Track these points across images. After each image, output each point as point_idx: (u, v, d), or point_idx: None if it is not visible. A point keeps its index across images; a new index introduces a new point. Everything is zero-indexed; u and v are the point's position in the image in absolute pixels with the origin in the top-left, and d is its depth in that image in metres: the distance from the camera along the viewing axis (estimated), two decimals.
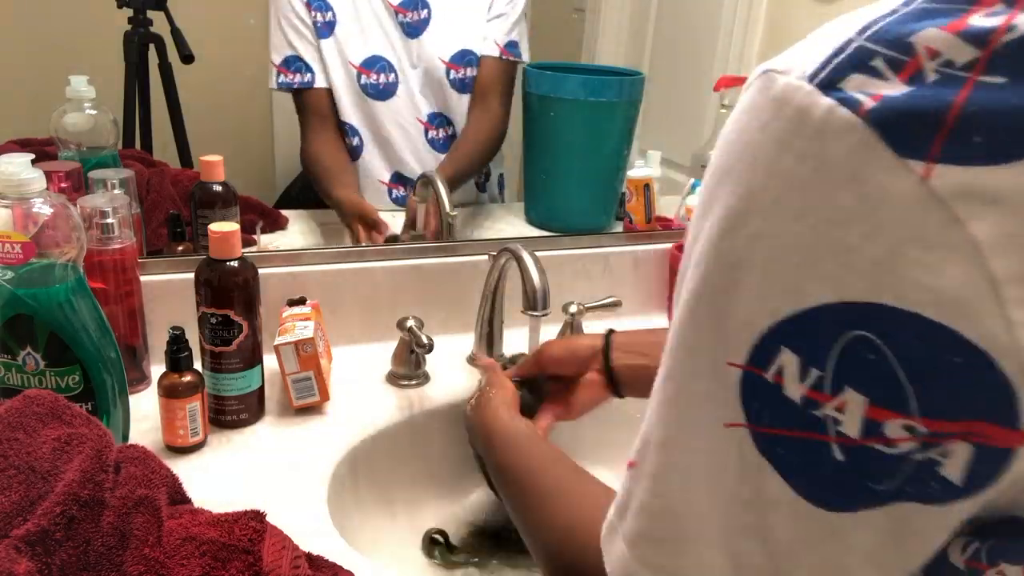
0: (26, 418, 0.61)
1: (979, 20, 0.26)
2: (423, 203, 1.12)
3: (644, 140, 1.25)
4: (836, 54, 0.28)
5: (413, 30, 1.12)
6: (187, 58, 0.99)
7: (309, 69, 1.10)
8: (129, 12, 0.97)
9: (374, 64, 1.11)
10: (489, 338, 1.01)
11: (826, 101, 0.27)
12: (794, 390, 0.29)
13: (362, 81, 1.11)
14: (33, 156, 0.67)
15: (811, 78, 0.28)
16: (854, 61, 0.27)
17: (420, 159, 1.16)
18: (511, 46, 1.18)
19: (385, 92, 1.13)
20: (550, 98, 1.16)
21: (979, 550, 0.30)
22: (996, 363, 0.26)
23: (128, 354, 0.84)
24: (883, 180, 0.26)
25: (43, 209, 0.68)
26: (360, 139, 1.14)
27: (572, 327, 1.04)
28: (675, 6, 1.34)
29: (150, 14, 0.98)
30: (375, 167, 1.16)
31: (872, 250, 0.26)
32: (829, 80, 0.27)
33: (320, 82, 1.11)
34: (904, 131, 0.26)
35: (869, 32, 0.28)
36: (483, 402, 0.77)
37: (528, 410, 0.80)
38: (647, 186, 1.17)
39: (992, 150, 0.25)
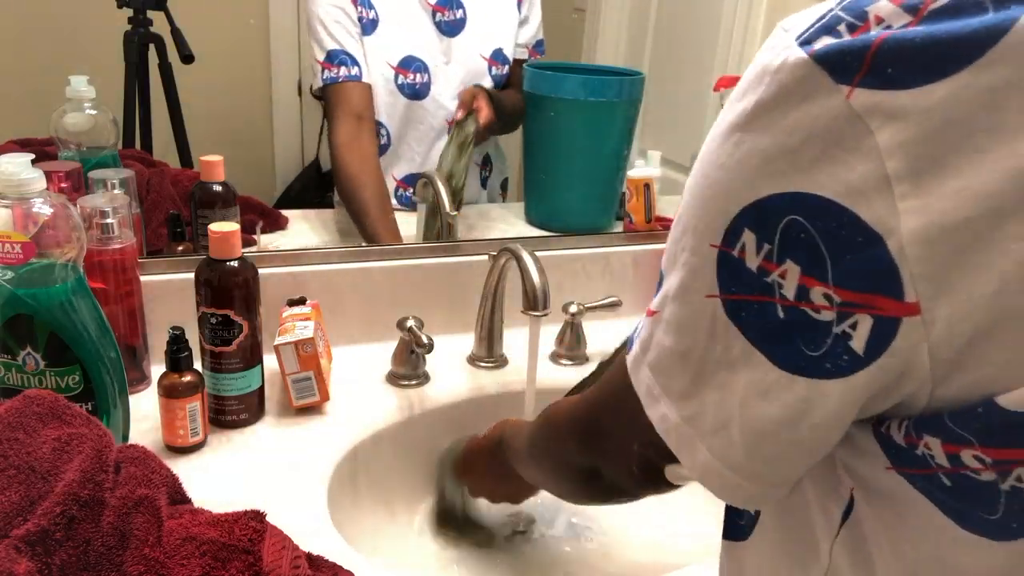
0: (26, 418, 0.61)
1: None
2: (423, 203, 1.13)
3: (644, 140, 1.25)
4: (818, 20, 0.36)
5: (451, 29, 1.13)
6: (187, 58, 0.99)
7: (355, 62, 1.09)
8: (129, 12, 0.97)
9: (410, 64, 1.12)
10: (489, 338, 1.01)
11: (797, 50, 0.35)
12: (752, 262, 0.37)
13: (399, 81, 1.12)
14: (33, 156, 0.67)
15: (798, 37, 0.36)
16: (826, 25, 0.35)
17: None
18: (538, 46, 1.21)
19: (420, 92, 1.14)
20: (550, 98, 1.16)
21: (908, 427, 0.36)
22: (885, 242, 0.33)
23: (128, 354, 0.84)
24: (822, 100, 0.34)
25: (43, 209, 0.68)
26: (389, 137, 1.15)
27: (572, 327, 1.04)
28: (675, 6, 1.34)
29: (150, 14, 0.98)
30: (395, 165, 1.17)
31: (808, 152, 0.34)
32: (807, 39, 0.35)
33: (366, 76, 1.10)
34: (838, 63, 0.34)
35: (844, 3, 0.35)
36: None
37: None
38: (647, 186, 1.17)
39: (899, 78, 0.32)
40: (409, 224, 1.15)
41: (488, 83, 1.17)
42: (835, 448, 0.41)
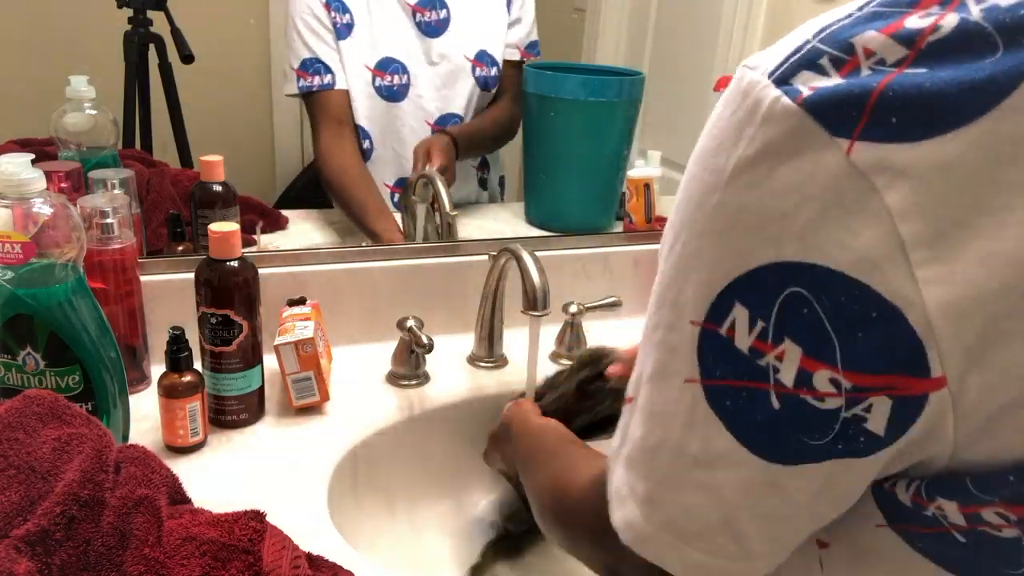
0: (26, 418, 0.61)
1: (913, 22, 0.30)
2: (422, 203, 1.12)
3: (644, 140, 1.25)
4: (793, 54, 0.32)
5: (432, 30, 1.13)
6: (187, 58, 0.99)
7: (328, 70, 1.10)
8: (129, 12, 0.97)
9: (388, 66, 1.12)
10: (489, 338, 1.01)
11: (775, 93, 0.31)
12: (743, 341, 0.32)
13: (376, 83, 1.12)
14: (33, 156, 0.67)
15: (770, 75, 0.32)
16: (805, 60, 0.31)
17: None
18: (531, 47, 1.21)
19: (398, 94, 1.13)
20: (550, 98, 1.15)
21: (919, 487, 0.33)
22: (905, 316, 0.29)
23: (128, 354, 0.84)
24: (816, 156, 0.30)
25: (43, 209, 0.68)
26: (371, 142, 1.15)
27: (572, 327, 1.04)
28: (675, 6, 1.34)
29: (150, 14, 0.98)
30: (382, 170, 1.16)
31: (804, 215, 0.30)
32: (783, 76, 0.31)
33: (340, 83, 1.11)
34: (833, 114, 0.29)
35: (823, 35, 0.32)
36: (511, 417, 0.76)
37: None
38: (647, 186, 1.17)
39: (905, 129, 0.28)
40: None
41: (470, 85, 1.16)
42: None
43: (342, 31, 1.10)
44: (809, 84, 0.30)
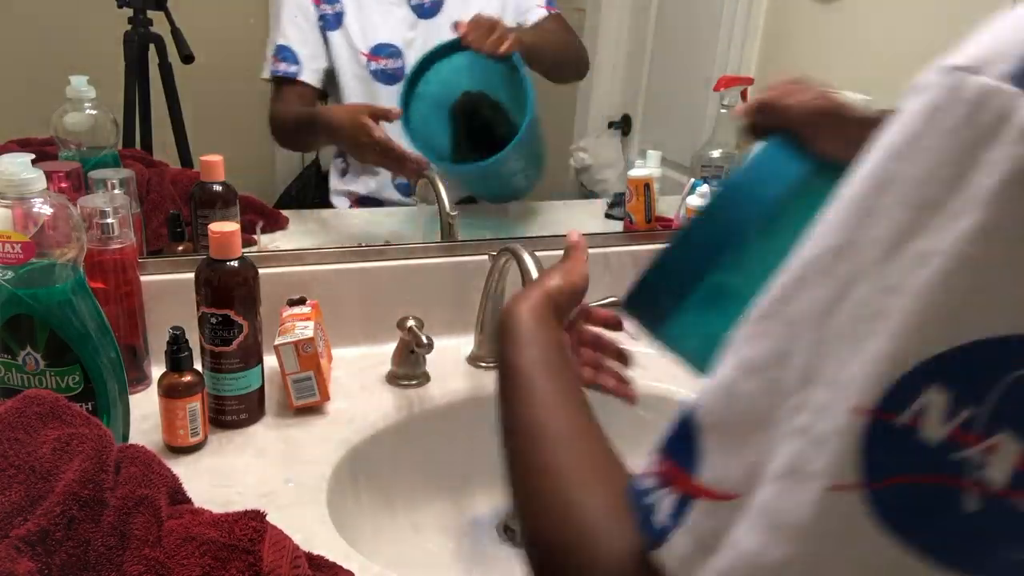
0: (26, 418, 0.61)
1: None
2: (423, 203, 1.12)
3: (644, 140, 1.25)
4: None
5: (427, 11, 1.13)
6: (187, 58, 0.99)
7: (295, 61, 1.11)
8: (129, 12, 0.97)
9: (382, 51, 1.12)
10: (490, 338, 1.00)
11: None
12: (935, 431, 0.25)
13: (372, 67, 1.12)
14: (33, 156, 0.67)
15: (1014, 77, 0.23)
16: None
17: None
18: (550, 1, 1.21)
19: (393, 77, 1.14)
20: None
21: None
22: None
23: (128, 354, 0.84)
24: None
25: (43, 209, 0.68)
26: None
27: (571, 327, 1.04)
28: (675, 6, 1.34)
29: (150, 14, 0.98)
30: None
31: None
32: None
33: (305, 77, 1.11)
34: None
35: None
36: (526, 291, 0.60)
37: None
38: (647, 186, 1.17)
39: None
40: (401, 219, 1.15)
41: None
42: None
43: (332, 21, 1.10)
44: None
